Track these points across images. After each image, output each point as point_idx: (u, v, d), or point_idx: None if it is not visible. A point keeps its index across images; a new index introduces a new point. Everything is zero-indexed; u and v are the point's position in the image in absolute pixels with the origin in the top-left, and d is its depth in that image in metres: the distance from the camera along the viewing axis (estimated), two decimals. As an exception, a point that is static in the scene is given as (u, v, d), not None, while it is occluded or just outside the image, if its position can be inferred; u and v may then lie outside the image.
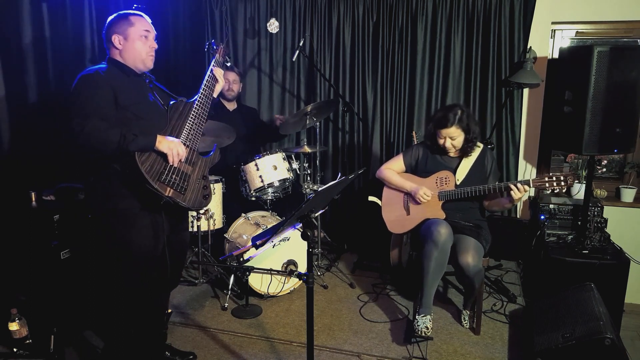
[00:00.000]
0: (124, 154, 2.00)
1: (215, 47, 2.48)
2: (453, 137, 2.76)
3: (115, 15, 2.18)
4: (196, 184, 2.22)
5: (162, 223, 2.16)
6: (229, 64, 2.56)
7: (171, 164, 2.09)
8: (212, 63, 2.40)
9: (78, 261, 2.92)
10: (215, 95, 2.41)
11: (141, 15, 2.21)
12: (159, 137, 2.07)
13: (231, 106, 3.89)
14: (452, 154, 2.88)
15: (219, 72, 2.39)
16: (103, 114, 2.01)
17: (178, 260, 2.44)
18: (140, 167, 1.99)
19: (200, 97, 2.29)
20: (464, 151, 2.84)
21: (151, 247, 2.15)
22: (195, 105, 2.26)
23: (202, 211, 3.38)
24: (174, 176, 2.10)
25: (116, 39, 2.14)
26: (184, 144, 2.17)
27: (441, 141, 2.80)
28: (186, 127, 2.21)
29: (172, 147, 2.09)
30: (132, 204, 2.10)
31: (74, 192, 3.10)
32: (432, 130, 2.83)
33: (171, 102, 2.29)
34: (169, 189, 2.07)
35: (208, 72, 2.36)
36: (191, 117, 2.23)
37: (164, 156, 2.08)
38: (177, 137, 2.17)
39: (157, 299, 2.34)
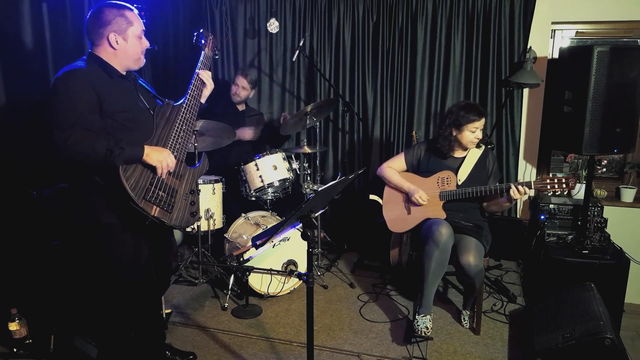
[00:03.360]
0: (108, 166, 1.87)
1: (203, 40, 2.27)
2: (482, 127, 2.80)
3: (104, 6, 1.99)
4: (183, 200, 2.08)
5: (145, 237, 2.07)
6: (217, 57, 2.38)
7: (159, 175, 1.97)
8: (201, 58, 2.25)
9: (78, 261, 2.92)
10: (203, 100, 2.27)
11: (132, 10, 2.05)
12: (147, 150, 1.94)
13: (240, 107, 3.93)
14: (471, 147, 2.86)
15: (206, 75, 2.23)
16: (87, 122, 1.87)
17: (166, 265, 2.36)
18: (125, 184, 1.86)
19: (188, 99, 2.15)
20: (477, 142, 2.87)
21: (133, 261, 2.06)
22: (182, 110, 2.13)
23: (201, 213, 3.37)
24: (160, 192, 1.96)
25: (114, 38, 1.98)
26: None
27: (473, 135, 2.78)
28: (172, 134, 2.07)
29: (162, 159, 1.97)
30: (115, 220, 1.97)
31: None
32: (462, 129, 2.77)
33: (158, 105, 2.16)
34: (155, 207, 1.94)
35: (197, 71, 2.22)
36: (178, 123, 2.09)
37: (151, 168, 1.96)
38: (164, 146, 2.05)
39: (146, 304, 2.26)
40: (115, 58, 2.03)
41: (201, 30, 2.30)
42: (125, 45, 2.02)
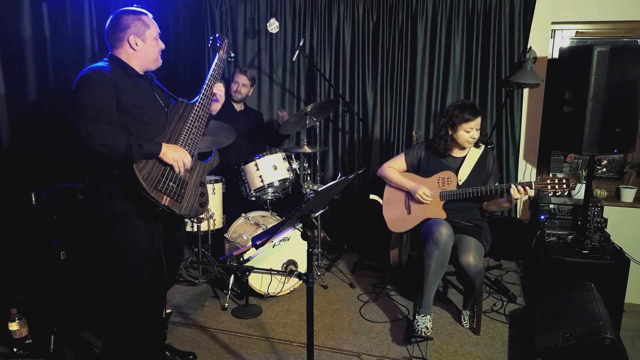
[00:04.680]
0: (126, 160, 1.96)
1: (219, 43, 2.39)
2: (478, 127, 2.78)
3: (123, 13, 2.12)
4: (193, 191, 2.18)
5: (157, 227, 2.13)
6: (231, 60, 2.49)
7: (177, 173, 2.08)
8: (215, 60, 2.34)
9: (78, 261, 2.92)
10: (214, 113, 2.37)
11: (148, 15, 2.18)
12: (164, 149, 2.04)
13: (238, 107, 3.92)
14: (470, 147, 2.86)
15: (219, 90, 2.34)
16: (108, 117, 1.98)
17: (174, 261, 2.41)
18: (138, 175, 1.96)
19: (201, 98, 2.24)
20: (477, 141, 2.86)
21: (146, 251, 2.12)
22: (195, 108, 2.21)
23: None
24: (171, 183, 2.06)
25: (133, 40, 2.10)
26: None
27: (468, 135, 2.77)
28: (185, 131, 2.16)
29: (178, 158, 2.07)
30: (128, 208, 2.06)
31: (74, 192, 3.11)
32: (457, 128, 2.77)
33: (171, 103, 2.25)
34: (165, 197, 2.03)
35: (210, 72, 2.30)
36: (190, 120, 2.18)
37: (163, 162, 2.05)
38: (176, 141, 2.14)
39: (153, 300, 2.31)
40: (135, 59, 2.14)
41: (217, 35, 2.42)
42: (145, 47, 2.14)
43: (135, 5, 2.18)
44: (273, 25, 3.92)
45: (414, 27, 3.80)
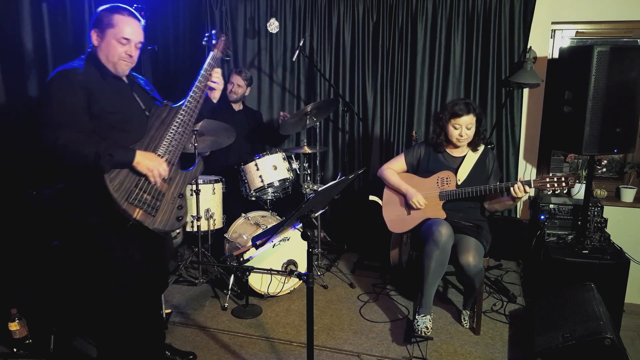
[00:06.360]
0: (96, 170, 1.85)
1: (214, 41, 2.20)
2: (469, 126, 2.76)
3: (104, 7, 1.98)
4: (170, 204, 2.03)
5: (136, 238, 2.05)
6: (228, 59, 2.31)
7: (153, 184, 1.96)
8: (208, 60, 2.17)
9: (78, 261, 2.92)
10: (215, 100, 2.24)
11: (130, 16, 1.99)
12: (138, 157, 1.91)
13: (237, 107, 3.92)
14: (462, 146, 2.85)
15: (216, 74, 2.18)
16: (78, 123, 1.85)
17: (162, 264, 2.33)
18: (108, 185, 1.84)
19: (188, 101, 2.08)
20: (474, 144, 2.85)
21: (125, 261, 2.04)
22: (181, 112, 2.05)
23: (201, 212, 3.38)
24: (145, 195, 1.93)
25: (94, 35, 1.96)
26: (161, 157, 2.00)
27: (457, 132, 2.77)
28: (167, 137, 2.01)
29: (153, 167, 1.93)
30: (103, 219, 1.96)
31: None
32: (446, 122, 2.78)
33: (155, 106, 2.12)
34: (137, 210, 1.91)
35: (202, 72, 2.15)
36: (174, 126, 2.02)
37: (137, 172, 1.93)
38: (155, 148, 1.99)
39: (144, 303, 2.25)
40: (100, 57, 1.98)
41: (213, 31, 2.23)
42: (102, 44, 1.97)
43: (135, 5, 2.15)
44: (273, 25, 3.92)
45: (414, 27, 3.80)
